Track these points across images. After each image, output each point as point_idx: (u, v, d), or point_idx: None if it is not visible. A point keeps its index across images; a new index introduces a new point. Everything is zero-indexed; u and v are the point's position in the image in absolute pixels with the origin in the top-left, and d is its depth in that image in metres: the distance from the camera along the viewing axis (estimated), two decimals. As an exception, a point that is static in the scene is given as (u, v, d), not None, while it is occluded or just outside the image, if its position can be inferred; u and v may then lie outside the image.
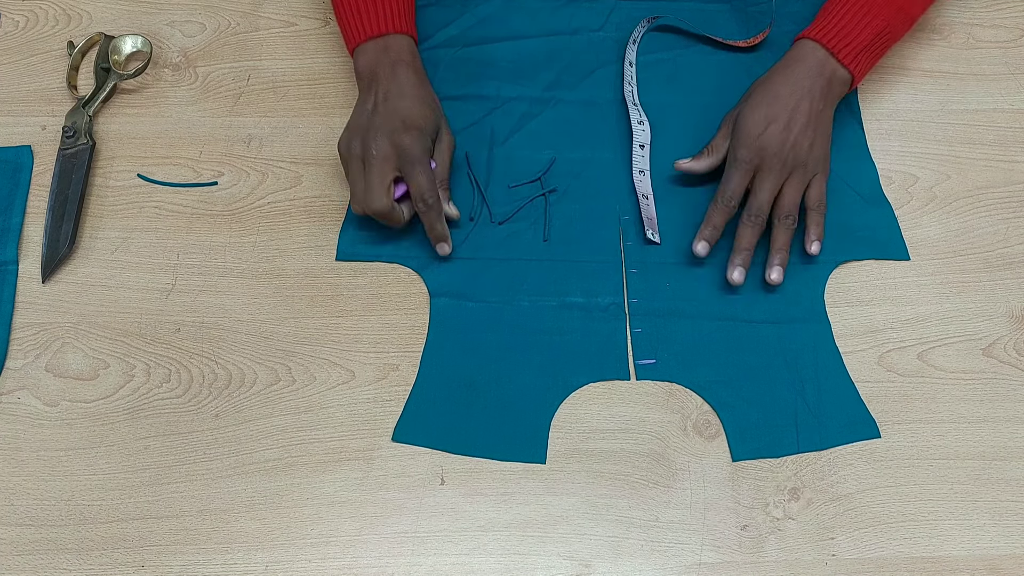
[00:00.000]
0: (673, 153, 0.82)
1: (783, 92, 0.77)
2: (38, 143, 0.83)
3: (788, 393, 0.73)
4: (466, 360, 0.74)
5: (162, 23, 0.91)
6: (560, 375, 0.74)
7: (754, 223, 0.76)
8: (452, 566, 0.67)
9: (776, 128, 0.76)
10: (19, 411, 0.72)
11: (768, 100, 0.77)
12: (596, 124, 0.85)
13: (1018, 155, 0.85)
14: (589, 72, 0.88)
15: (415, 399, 0.73)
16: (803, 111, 0.77)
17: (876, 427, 0.72)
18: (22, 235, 0.79)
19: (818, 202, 0.77)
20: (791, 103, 0.77)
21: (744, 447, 0.71)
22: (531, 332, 0.75)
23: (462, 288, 0.77)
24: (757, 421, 0.72)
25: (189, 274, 0.77)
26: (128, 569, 0.66)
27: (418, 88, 0.78)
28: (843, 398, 0.73)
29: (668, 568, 0.67)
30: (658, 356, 0.74)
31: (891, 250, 0.79)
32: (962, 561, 0.67)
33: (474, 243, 0.79)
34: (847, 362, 0.75)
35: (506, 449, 0.71)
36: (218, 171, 0.83)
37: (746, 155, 0.76)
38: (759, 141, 0.76)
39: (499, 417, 0.72)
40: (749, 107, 0.78)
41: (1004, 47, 0.92)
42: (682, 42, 0.90)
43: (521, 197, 0.81)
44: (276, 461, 0.70)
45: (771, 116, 0.76)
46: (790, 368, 0.74)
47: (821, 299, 0.77)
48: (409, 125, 0.75)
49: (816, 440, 0.71)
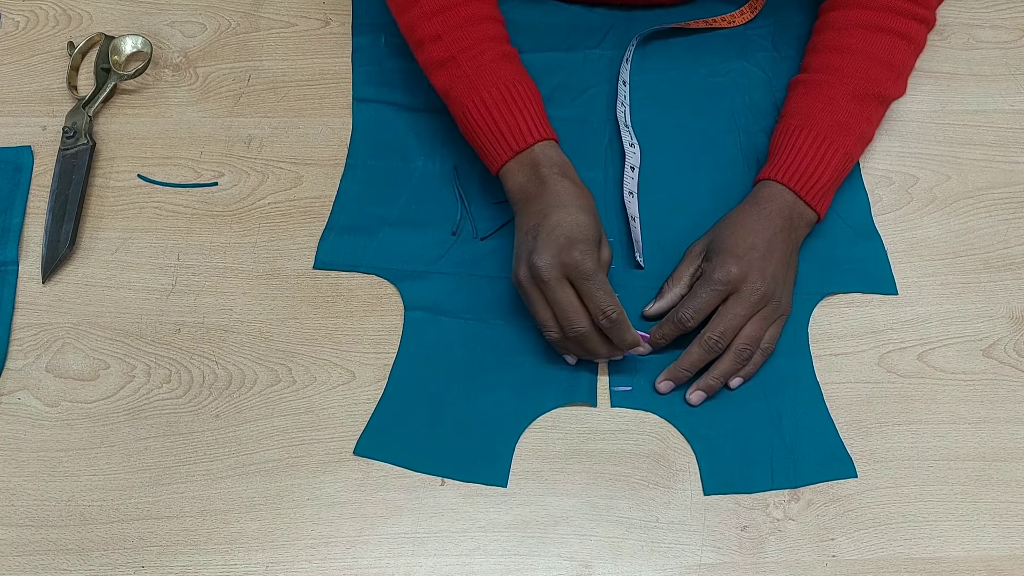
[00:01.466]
0: (662, 175, 0.82)
1: (758, 227, 0.73)
2: (38, 143, 0.83)
3: (765, 427, 0.72)
4: (436, 376, 0.73)
5: (162, 23, 0.91)
6: (528, 397, 0.72)
7: (710, 348, 0.71)
8: (452, 567, 0.67)
9: (756, 256, 0.72)
10: (19, 412, 0.72)
11: (745, 230, 0.73)
12: (587, 143, 0.83)
13: (1018, 156, 0.85)
14: (583, 91, 0.87)
15: (380, 413, 0.72)
16: (779, 249, 0.73)
17: (852, 466, 0.70)
18: (22, 235, 0.79)
19: (769, 344, 0.73)
20: (767, 236, 0.73)
21: (716, 480, 0.70)
22: (504, 352, 0.74)
23: (438, 303, 0.76)
24: (731, 455, 0.71)
25: (189, 275, 0.78)
26: (128, 570, 0.66)
27: (576, 197, 0.72)
28: (820, 434, 0.71)
29: (668, 569, 0.67)
30: (634, 383, 0.73)
31: (879, 284, 0.78)
32: (962, 562, 0.67)
33: (454, 258, 0.78)
34: (847, 364, 0.75)
35: (468, 470, 0.70)
36: (218, 171, 0.83)
37: (723, 276, 0.71)
38: (741, 264, 0.71)
39: (464, 437, 0.71)
40: (726, 233, 0.74)
41: (1004, 47, 0.92)
42: (674, 63, 0.89)
43: (506, 213, 0.79)
44: (276, 462, 0.70)
45: (751, 244, 0.72)
46: (768, 401, 0.73)
47: (805, 332, 0.76)
48: (573, 239, 0.69)
49: (790, 477, 0.70)
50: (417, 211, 0.81)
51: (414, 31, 0.79)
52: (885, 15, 0.79)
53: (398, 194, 0.81)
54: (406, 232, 0.79)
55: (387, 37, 0.90)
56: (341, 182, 0.82)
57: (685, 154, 0.83)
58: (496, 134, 0.75)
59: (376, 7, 0.91)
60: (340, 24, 0.91)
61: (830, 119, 0.77)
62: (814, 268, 0.78)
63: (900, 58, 0.80)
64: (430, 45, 0.78)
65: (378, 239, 0.79)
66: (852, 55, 0.79)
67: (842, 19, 0.81)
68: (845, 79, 0.78)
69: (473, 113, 0.75)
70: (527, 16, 0.90)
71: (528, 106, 0.75)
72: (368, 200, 0.81)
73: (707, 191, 0.82)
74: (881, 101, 0.80)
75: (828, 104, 0.78)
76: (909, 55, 0.80)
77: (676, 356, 0.73)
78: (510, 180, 0.75)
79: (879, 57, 0.79)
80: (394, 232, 0.79)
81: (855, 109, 0.78)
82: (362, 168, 0.83)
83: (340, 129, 0.85)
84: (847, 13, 0.81)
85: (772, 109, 0.86)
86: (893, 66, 0.79)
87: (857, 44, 0.79)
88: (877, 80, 0.78)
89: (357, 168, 0.83)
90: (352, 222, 0.80)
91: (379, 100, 0.86)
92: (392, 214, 0.80)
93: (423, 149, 0.84)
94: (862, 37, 0.79)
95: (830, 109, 0.77)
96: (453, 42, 0.77)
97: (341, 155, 0.84)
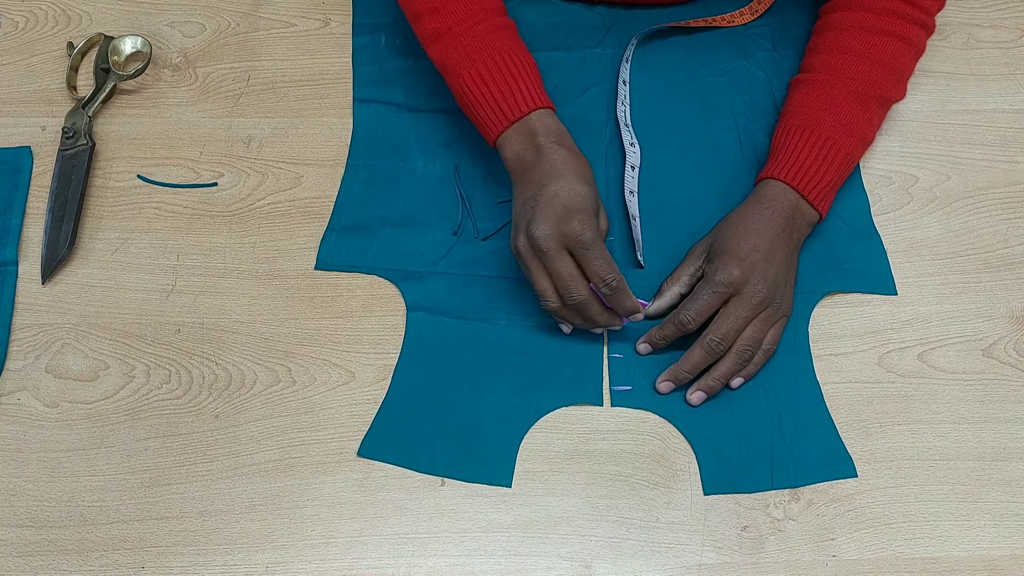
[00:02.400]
0: (662, 176, 0.82)
1: (760, 227, 0.73)
2: (38, 144, 0.83)
3: (765, 427, 0.72)
4: (439, 377, 0.73)
5: (162, 23, 0.91)
6: (532, 397, 0.72)
7: (712, 350, 0.71)
8: (452, 567, 0.67)
9: (758, 257, 0.72)
10: (19, 412, 0.72)
11: (748, 230, 0.73)
12: (587, 143, 0.82)
13: (1018, 155, 0.85)
14: (583, 90, 0.86)
15: (384, 414, 0.72)
16: (780, 250, 0.73)
17: (853, 466, 0.70)
18: (22, 236, 0.79)
19: (770, 345, 0.73)
20: (769, 237, 0.73)
21: (716, 480, 0.70)
22: (506, 352, 0.74)
23: (440, 303, 0.76)
24: (731, 455, 0.71)
25: (189, 275, 0.77)
26: (128, 570, 0.66)
27: (574, 166, 0.72)
28: (821, 434, 0.72)
29: (668, 569, 0.67)
30: (635, 383, 0.73)
31: (878, 284, 0.78)
32: (962, 562, 0.68)
33: (456, 258, 0.78)
34: (847, 364, 0.75)
35: (473, 471, 0.70)
36: (218, 172, 0.83)
37: (725, 278, 0.71)
38: (742, 266, 0.71)
39: (468, 438, 0.71)
40: (728, 233, 0.74)
41: (1004, 47, 0.92)
42: (674, 63, 0.88)
43: (507, 214, 0.79)
44: (276, 462, 0.70)
45: (754, 245, 0.72)
46: (768, 401, 0.73)
47: (805, 332, 0.76)
48: (571, 209, 0.69)
49: (790, 477, 0.70)
50: (418, 211, 0.80)
51: (412, 3, 0.79)
52: (887, 19, 0.79)
53: (399, 194, 0.81)
54: (407, 232, 0.79)
55: (387, 37, 0.90)
56: (342, 183, 0.82)
57: (685, 154, 0.83)
58: (492, 104, 0.75)
59: (376, 7, 0.91)
60: (340, 24, 0.91)
61: (832, 120, 0.77)
62: (814, 268, 0.78)
63: (901, 61, 0.80)
64: (427, 17, 0.78)
65: (379, 239, 0.79)
66: (854, 57, 0.79)
67: (844, 21, 0.81)
68: (847, 80, 0.78)
69: (469, 84, 0.75)
70: (528, 15, 0.90)
71: (524, 76, 0.75)
72: (369, 200, 0.81)
73: (707, 190, 0.82)
74: (882, 103, 0.80)
75: (830, 104, 0.78)
76: (910, 59, 0.81)
77: (676, 356, 0.73)
78: (507, 150, 0.75)
79: (881, 60, 0.79)
80: (395, 232, 0.79)
81: (857, 110, 0.78)
82: (363, 169, 0.83)
83: (340, 129, 0.84)
84: (849, 15, 0.81)
85: (772, 109, 0.86)
86: (894, 69, 0.79)
87: (859, 46, 0.79)
88: (879, 82, 0.78)
89: (358, 169, 0.83)
90: (353, 223, 0.80)
91: (379, 100, 0.86)
92: (393, 214, 0.80)
93: (424, 149, 0.84)
94: (864, 39, 0.79)
95: (832, 110, 0.77)
96: (450, 14, 0.77)
97: (341, 155, 0.84)
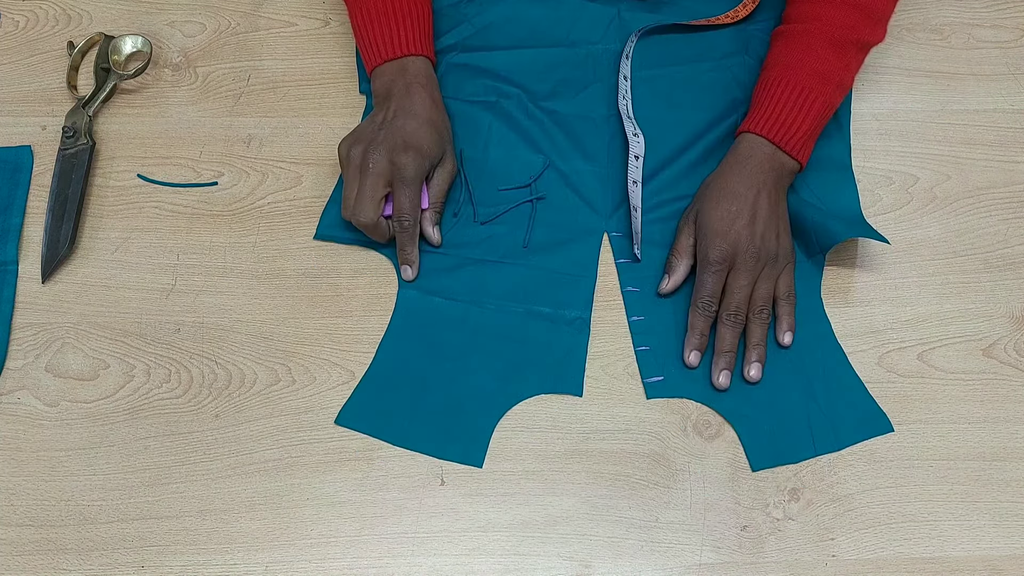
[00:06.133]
0: (665, 169, 0.82)
1: (740, 189, 0.75)
2: (38, 143, 0.83)
3: (799, 396, 0.73)
4: (423, 354, 0.74)
5: (162, 23, 0.91)
6: (512, 383, 0.73)
7: (734, 322, 0.74)
8: (452, 567, 0.67)
9: (742, 224, 0.74)
10: (19, 411, 0.72)
11: (727, 196, 0.75)
12: (589, 138, 0.84)
13: (1018, 155, 0.85)
14: (584, 86, 0.86)
15: (364, 386, 0.73)
16: (763, 206, 0.75)
17: (888, 421, 0.72)
18: (22, 235, 0.79)
19: (787, 292, 0.75)
20: (750, 197, 0.75)
21: (762, 456, 0.71)
22: (492, 336, 0.75)
23: (432, 283, 0.77)
24: (772, 428, 0.72)
25: (189, 274, 0.77)
26: (128, 569, 0.66)
27: (429, 111, 0.78)
28: (852, 395, 0.73)
29: (668, 569, 0.67)
30: (666, 373, 0.74)
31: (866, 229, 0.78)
32: (962, 562, 0.68)
33: (453, 240, 0.79)
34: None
35: (445, 448, 0.71)
36: (218, 171, 0.83)
37: (718, 255, 0.73)
38: (728, 239, 0.74)
39: (444, 416, 0.72)
40: (710, 204, 0.76)
41: (1004, 47, 0.92)
42: (675, 58, 0.88)
43: (509, 200, 0.81)
44: (276, 461, 0.70)
45: (735, 212, 0.74)
46: (797, 371, 0.74)
47: (818, 298, 0.77)
48: (409, 145, 0.75)
49: (832, 441, 0.71)
50: None
51: None
52: None
53: None
54: None
55: None
56: None
57: (686, 149, 0.83)
58: (377, 38, 0.80)
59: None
60: (340, 24, 0.91)
61: (808, 68, 0.78)
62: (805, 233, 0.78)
63: (878, 3, 0.80)
64: None
65: (379, 243, 0.79)
66: (829, 2, 0.80)
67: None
68: (823, 26, 0.79)
69: (356, 19, 0.82)
70: (530, 11, 0.90)
71: (408, 22, 0.81)
72: None
73: None
74: (860, 47, 0.80)
75: (807, 54, 0.79)
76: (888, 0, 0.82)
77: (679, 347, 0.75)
78: (379, 80, 0.80)
79: (856, 3, 0.79)
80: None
81: (833, 57, 0.79)
82: None
83: (340, 129, 0.84)
84: None
85: None
86: (872, 11, 0.80)
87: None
88: (855, 26, 0.79)
89: None
90: None
91: None
92: None
93: None
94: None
95: (808, 59, 0.78)
96: None
97: (341, 155, 0.84)
